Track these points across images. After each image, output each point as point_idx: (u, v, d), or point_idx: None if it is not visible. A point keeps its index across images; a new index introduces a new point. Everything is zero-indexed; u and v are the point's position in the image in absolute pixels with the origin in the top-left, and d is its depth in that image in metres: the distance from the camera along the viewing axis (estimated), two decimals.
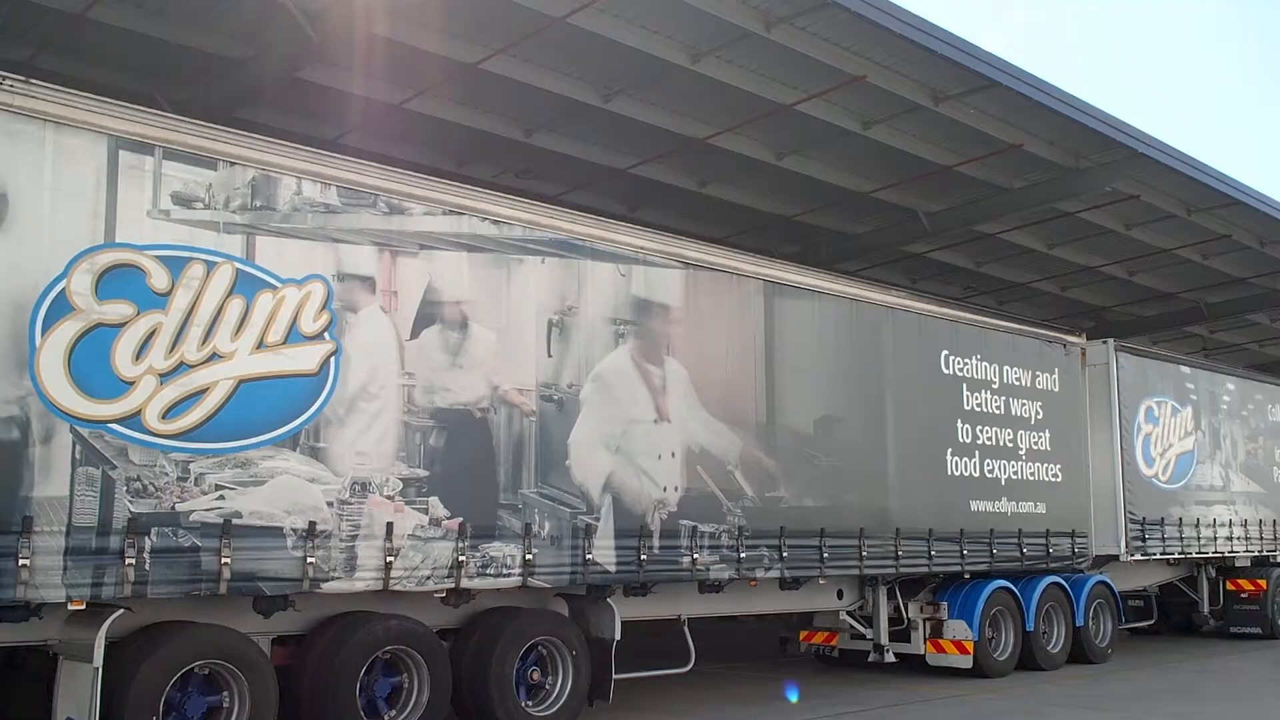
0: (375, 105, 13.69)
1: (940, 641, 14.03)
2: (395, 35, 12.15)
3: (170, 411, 7.74)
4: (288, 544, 8.18)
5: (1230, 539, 18.82)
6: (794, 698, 12.03)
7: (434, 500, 9.04)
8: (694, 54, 13.09)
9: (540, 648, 9.99)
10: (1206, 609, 19.59)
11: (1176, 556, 18.00)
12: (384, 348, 8.97)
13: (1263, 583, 19.60)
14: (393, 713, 9.01)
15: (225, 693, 8.06)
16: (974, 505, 14.27)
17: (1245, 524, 19.26)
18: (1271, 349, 29.42)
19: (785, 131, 15.31)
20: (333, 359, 8.61)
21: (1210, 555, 18.70)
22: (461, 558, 9.12)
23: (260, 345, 8.23)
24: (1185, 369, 18.80)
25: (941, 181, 17.18)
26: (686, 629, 11.59)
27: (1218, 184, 17.82)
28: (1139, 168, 16.62)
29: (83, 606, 7.39)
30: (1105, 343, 17.10)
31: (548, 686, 10.05)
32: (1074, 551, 15.72)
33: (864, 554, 12.68)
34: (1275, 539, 20.05)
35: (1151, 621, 19.03)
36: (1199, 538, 18.03)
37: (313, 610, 8.85)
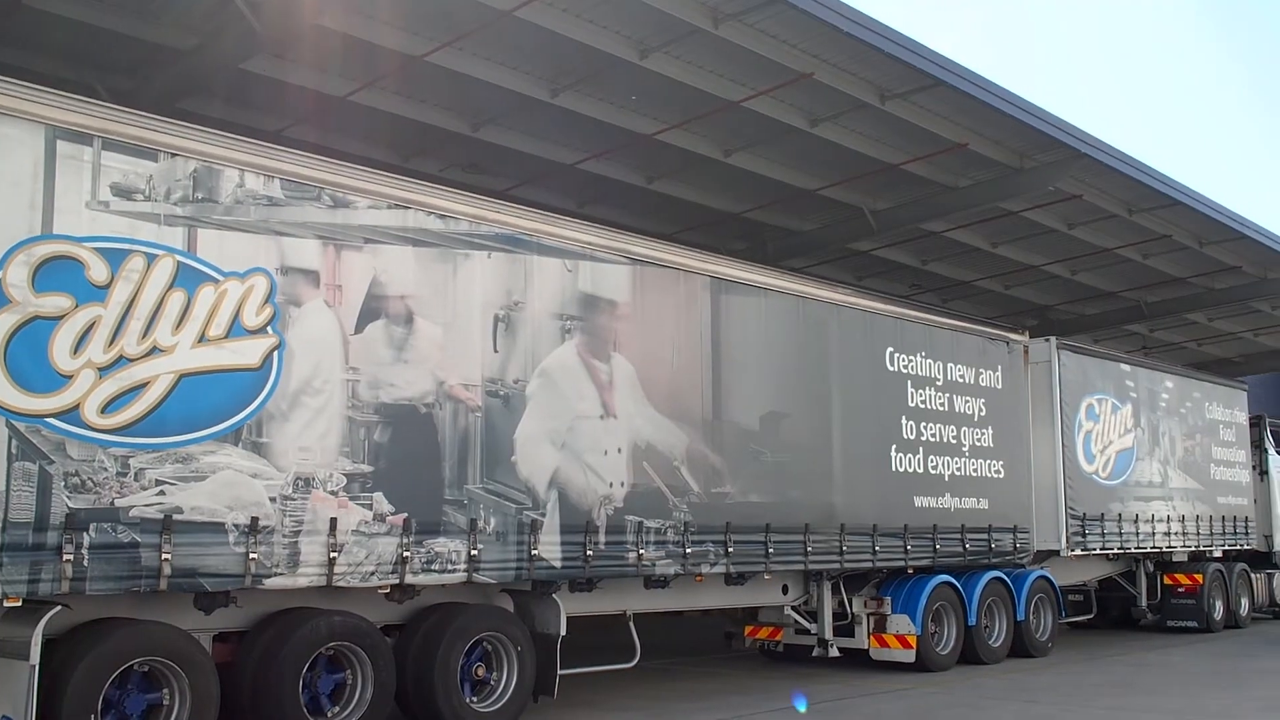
0: (321, 98, 13.57)
1: (884, 636, 14.16)
2: (341, 27, 12.06)
3: (109, 406, 7.63)
4: (230, 540, 8.10)
5: (1168, 534, 19.14)
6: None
7: (378, 496, 8.98)
8: (642, 49, 13.09)
9: (485, 643, 9.97)
10: (1144, 603, 19.95)
11: (1116, 552, 18.29)
12: (328, 342, 8.90)
13: (1199, 577, 19.96)
14: (336, 709, 8.95)
15: (165, 690, 7.96)
16: (918, 501, 14.40)
17: (1183, 520, 19.59)
18: (1209, 348, 29.90)
19: (733, 128, 15.36)
20: (276, 353, 8.53)
21: (1148, 550, 19.02)
22: (406, 553, 9.08)
23: (202, 339, 8.13)
24: (1125, 367, 19.08)
25: (888, 179, 17.31)
26: (632, 624, 11.63)
27: (1158, 185, 18.09)
28: (1081, 168, 16.83)
29: (19, 603, 7.27)
30: (1048, 340, 17.32)
31: (492, 682, 10.02)
32: (1016, 547, 15.91)
33: (809, 549, 12.76)
34: (1211, 534, 20.41)
35: (1091, 615, 19.30)
36: (1138, 533, 18.31)
37: (255, 606, 8.78)
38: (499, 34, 12.57)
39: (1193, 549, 20.04)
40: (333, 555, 8.62)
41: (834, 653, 14.15)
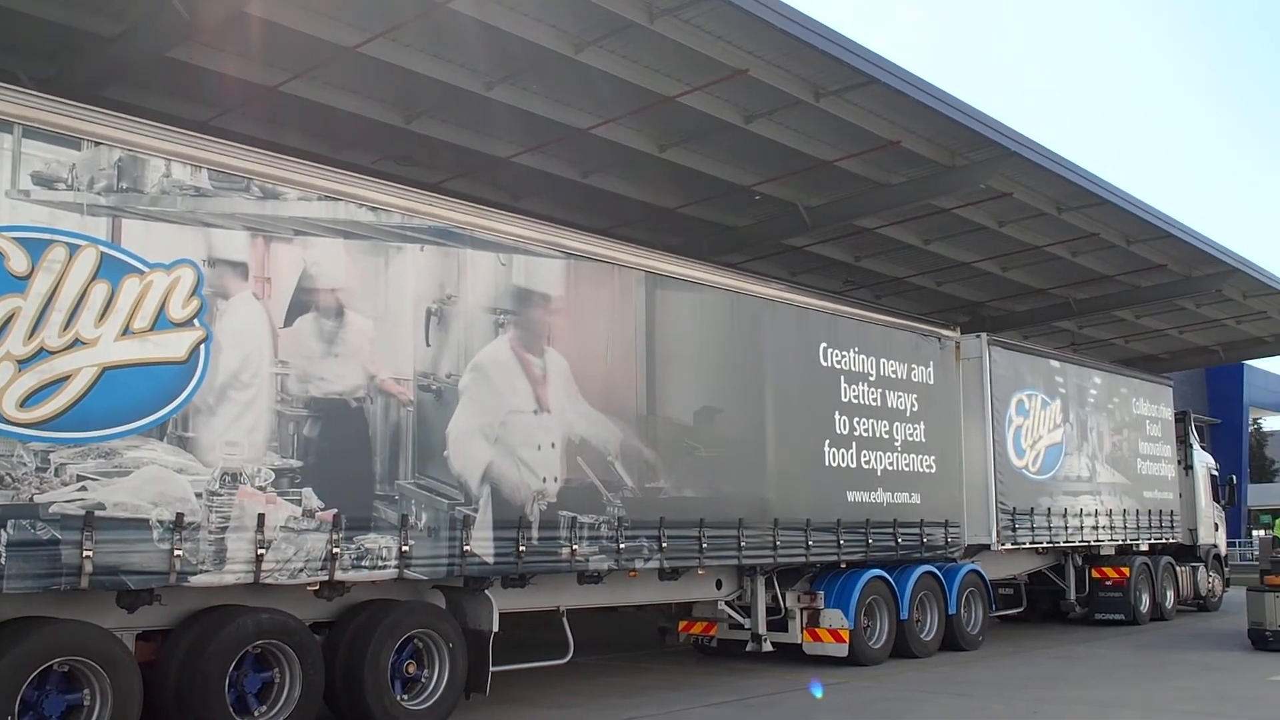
0: (250, 87, 13.37)
1: (817, 630, 14.24)
2: (271, 16, 11.88)
3: (29, 399, 7.44)
4: (154, 536, 7.94)
5: (1096, 528, 19.44)
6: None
7: (308, 491, 8.86)
8: (577, 44, 13.04)
9: (416, 640, 9.87)
10: (1073, 596, 20.25)
11: (1045, 545, 18.55)
12: (256, 335, 8.76)
13: (1126, 570, 20.31)
14: (263, 708, 8.81)
15: (86, 690, 7.79)
16: (851, 496, 14.49)
17: (1110, 514, 19.91)
18: (1136, 344, 30.43)
19: (668, 123, 15.36)
20: (202, 346, 8.37)
21: (1077, 544, 19.31)
22: (336, 550, 8.96)
23: (126, 331, 7.96)
24: (1055, 363, 19.35)
25: (821, 176, 17.41)
26: (565, 620, 11.59)
27: (1087, 183, 18.36)
28: (1012, 166, 17.04)
29: None
30: (979, 337, 17.52)
31: (424, 680, 9.93)
32: (947, 541, 16.07)
33: (743, 544, 12.79)
34: (1138, 528, 20.77)
35: (1021, 609, 19.58)
36: (1066, 527, 18.58)
37: (180, 604, 8.62)
38: (433, 26, 12.45)
39: (1120, 543, 20.39)
40: (260, 552, 8.49)
41: (767, 647, 14.20)
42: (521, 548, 10.38)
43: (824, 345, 14.45)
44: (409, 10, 12.08)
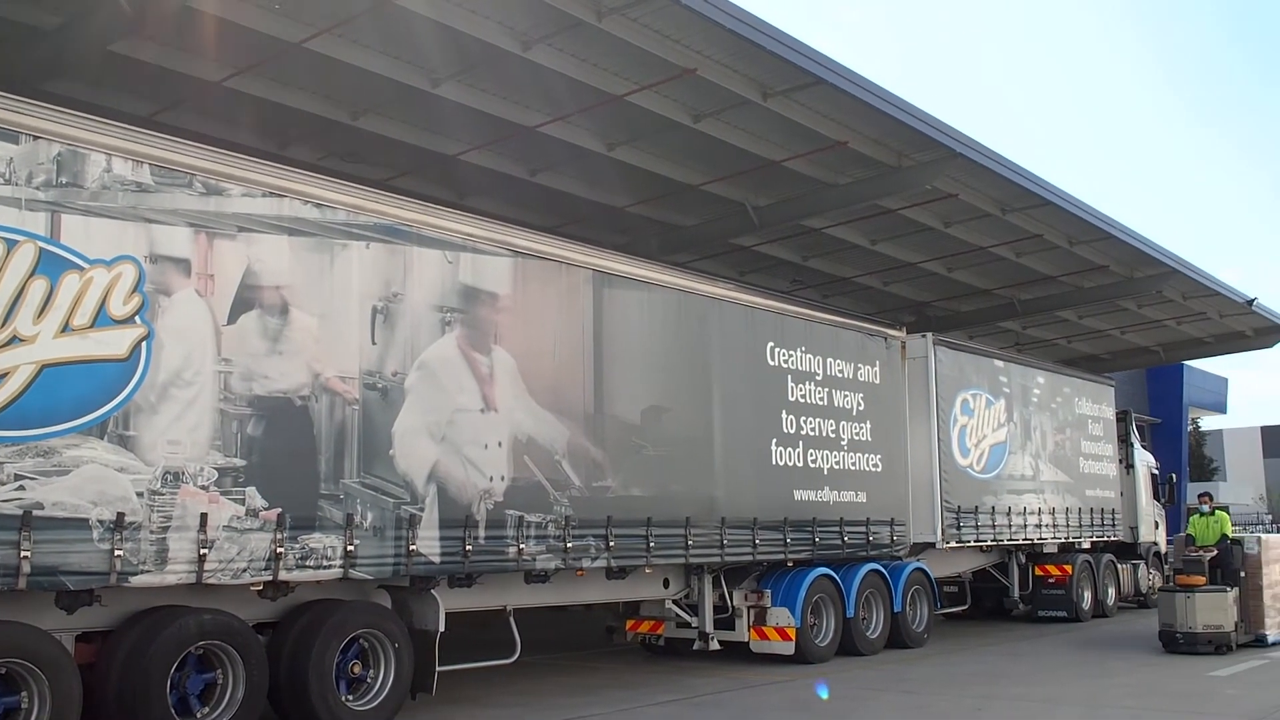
0: (194, 82, 13.18)
1: (764, 629, 14.30)
2: (214, 10, 11.70)
3: None
4: (94, 536, 7.85)
5: (1039, 526, 19.68)
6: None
7: (251, 490, 8.78)
8: (525, 41, 12.98)
9: (361, 640, 9.83)
10: (1017, 594, 20.48)
11: (989, 544, 18.76)
12: (199, 332, 8.68)
13: (1068, 568, 20.58)
14: (206, 710, 8.75)
15: (24, 693, 7.69)
16: (798, 494, 14.57)
17: (1053, 512, 20.17)
18: (1079, 344, 30.77)
19: (616, 122, 15.33)
20: (144, 344, 8.29)
21: (1020, 542, 19.54)
22: (280, 549, 8.89)
23: (66, 329, 7.87)
24: (999, 363, 19.56)
25: (769, 176, 17.45)
26: (512, 619, 11.57)
27: (1030, 185, 18.54)
28: (957, 167, 17.17)
29: None
30: (924, 336, 17.68)
31: (369, 680, 9.89)
32: (893, 539, 16.20)
33: (690, 543, 12.82)
34: (1080, 526, 21.06)
35: (965, 606, 19.79)
36: (1010, 525, 18.80)
37: (121, 605, 8.53)
38: (380, 22, 12.34)
39: (1062, 541, 20.65)
40: (203, 552, 8.40)
41: (715, 646, 14.24)
42: (468, 547, 10.35)
43: (771, 344, 14.52)
44: (357, 6, 11.96)
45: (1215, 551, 16.64)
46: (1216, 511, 17.34)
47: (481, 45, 12.83)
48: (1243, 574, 16.51)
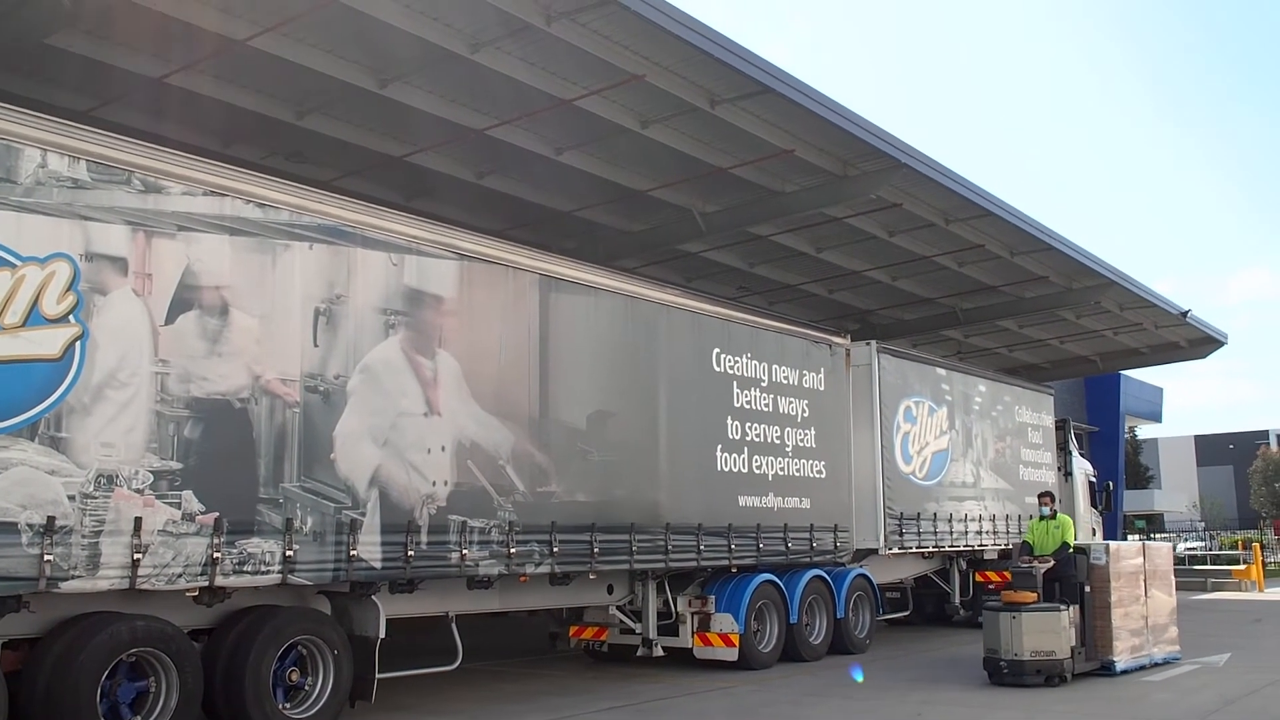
0: (134, 78, 12.96)
1: (708, 635, 14.28)
2: (158, 6, 11.50)
3: None
4: (23, 540, 7.66)
5: (980, 533, 19.85)
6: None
7: (188, 494, 8.62)
8: (473, 44, 12.90)
9: (300, 647, 9.69)
10: (958, 600, 20.64)
11: (931, 550, 18.89)
12: (136, 333, 8.51)
13: (1008, 574, 20.68)
14: (138, 719, 8.55)
15: None
16: (742, 500, 14.58)
17: (994, 519, 20.36)
18: (1019, 353, 31.12)
19: (564, 126, 15.27)
20: (78, 344, 8.11)
21: (962, 549, 19.70)
22: (216, 554, 8.74)
23: None
24: (942, 371, 19.72)
25: (717, 183, 17.48)
26: (454, 626, 11.46)
27: (973, 195, 18.72)
28: (901, 177, 17.28)
29: None
30: (868, 344, 17.78)
31: (307, 687, 9.75)
32: (836, 545, 16.26)
33: (634, 549, 12.79)
34: (1019, 532, 21.22)
35: (907, 612, 19.89)
36: (951, 532, 18.94)
37: (50, 611, 8.32)
38: (325, 21, 12.21)
39: (1002, 547, 20.81)
40: (136, 557, 8.24)
41: (658, 652, 14.21)
42: (410, 552, 10.23)
43: (717, 351, 14.53)
44: (302, 4, 11.82)
45: (1052, 562, 14.07)
46: (1059, 515, 14.98)
47: (429, 47, 12.73)
48: (1087, 589, 13.99)
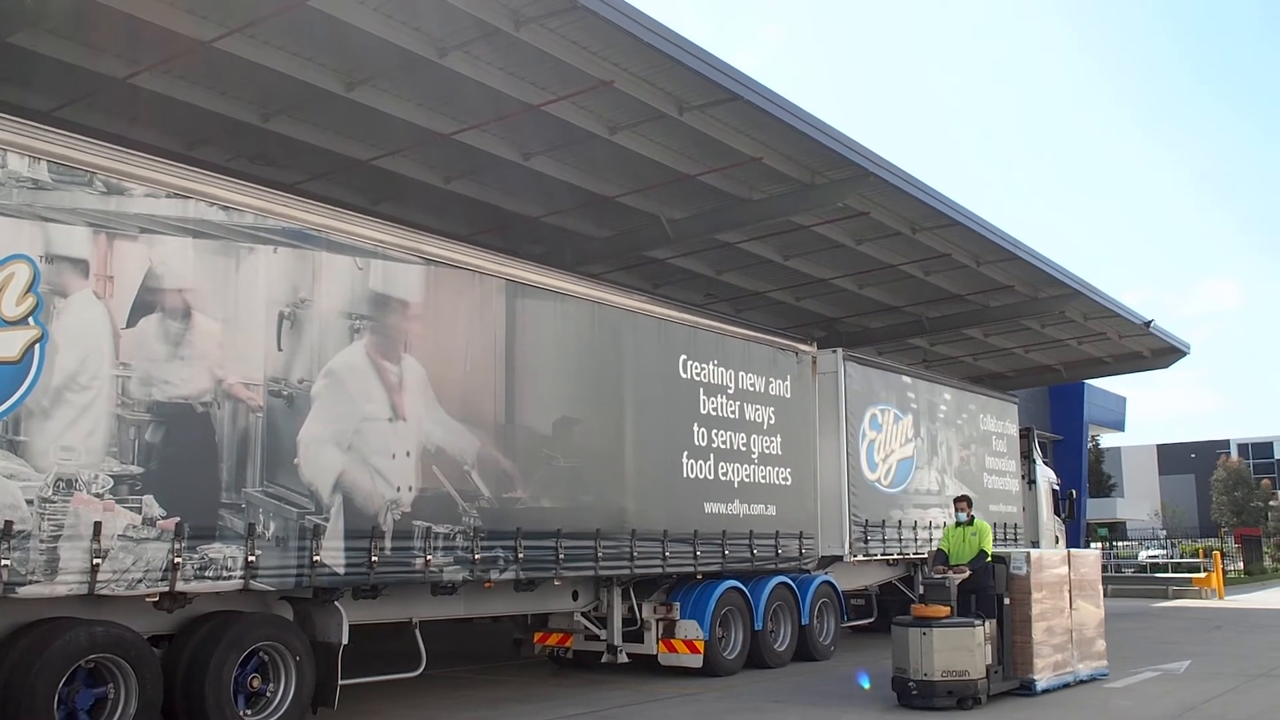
0: (98, 79, 12.84)
1: (672, 641, 14.27)
2: (122, 6, 11.42)
3: None
4: None
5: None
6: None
7: (148, 499, 8.53)
8: (441, 48, 12.87)
9: (261, 653, 9.60)
10: None
11: (896, 557, 18.94)
12: (97, 336, 8.42)
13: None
14: None
15: None
16: (708, 507, 14.59)
17: None
18: (985, 362, 31.31)
19: (532, 132, 15.25)
20: (37, 346, 8.02)
21: (926, 556, 19.72)
22: (177, 559, 8.66)
23: None
24: (907, 379, 19.80)
25: (684, 189, 17.50)
26: (418, 632, 11.40)
27: (939, 205, 18.83)
28: (869, 186, 17.37)
29: None
30: (835, 352, 17.84)
31: (268, 694, 9.66)
32: (801, 552, 16.29)
33: (600, 555, 12.77)
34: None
35: (872, 619, 19.92)
36: (916, 539, 19.01)
37: (7, 617, 8.22)
38: (292, 23, 12.15)
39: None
40: (96, 562, 8.14)
41: (623, 659, 14.19)
42: (374, 558, 10.18)
43: (684, 357, 14.54)
44: (268, 6, 11.76)
45: (968, 573, 12.93)
46: (976, 521, 13.67)
47: (397, 50, 12.69)
48: (1006, 601, 12.99)
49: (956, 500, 14.25)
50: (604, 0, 12.23)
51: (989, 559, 13.16)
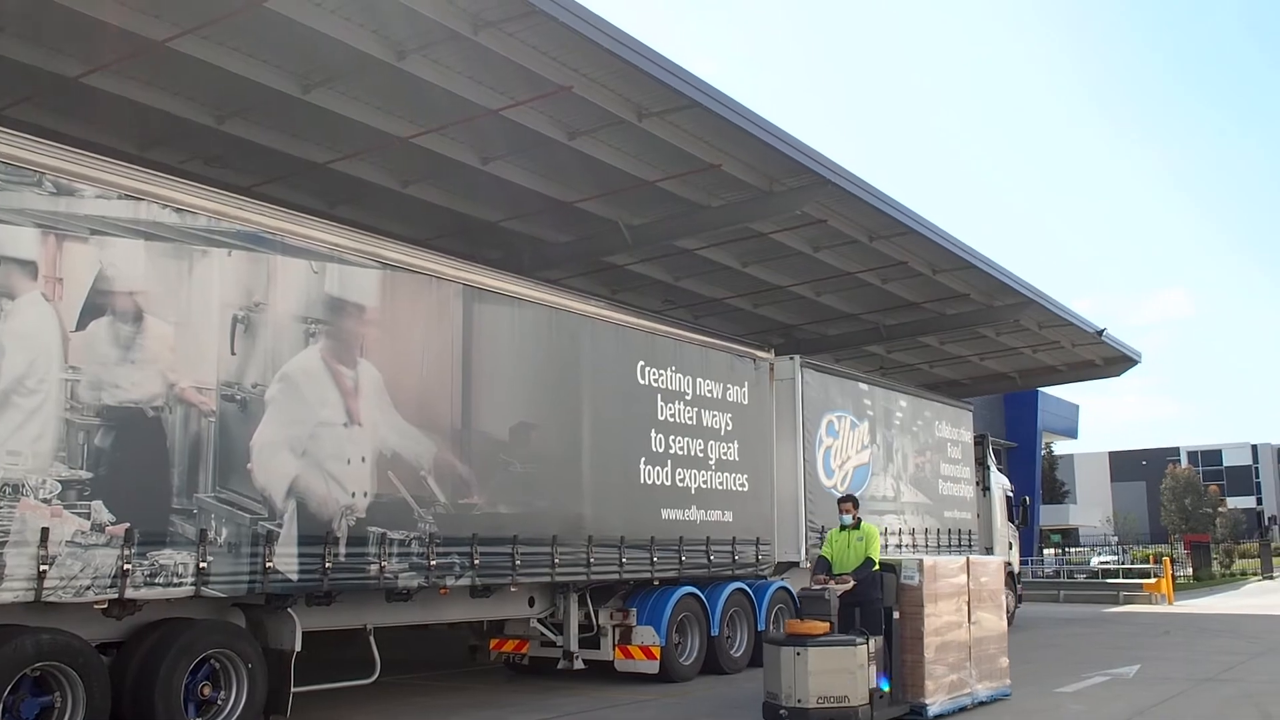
0: (48, 77, 12.65)
1: (629, 647, 14.25)
2: (73, 4, 11.27)
3: None
4: None
5: (900, 546, 20.01)
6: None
7: (97, 504, 8.40)
8: (400, 51, 12.79)
9: (213, 661, 9.49)
10: None
11: None
12: (45, 338, 8.28)
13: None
14: None
15: None
16: (665, 513, 14.58)
17: (913, 532, 20.56)
18: (940, 369, 31.54)
19: (491, 136, 15.20)
20: None
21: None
22: (127, 566, 8.53)
23: None
24: (864, 386, 19.90)
25: (643, 196, 17.51)
26: (372, 638, 11.30)
27: (896, 213, 18.95)
28: (826, 194, 17.44)
29: None
30: (792, 359, 17.88)
31: (220, 702, 9.55)
32: (758, 558, 16.31)
33: (556, 561, 12.72)
34: (939, 546, 21.49)
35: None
36: None
37: None
38: (247, 24, 12.03)
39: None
40: (43, 568, 8.01)
41: (579, 665, 14.15)
42: (328, 564, 10.09)
43: (642, 364, 14.53)
44: (224, 7, 11.64)
45: (852, 583, 11.44)
46: (863, 524, 12.14)
47: (355, 53, 12.61)
48: (896, 615, 11.60)
49: (841, 501, 12.60)
50: (562, 5, 12.21)
51: (876, 567, 11.67)
